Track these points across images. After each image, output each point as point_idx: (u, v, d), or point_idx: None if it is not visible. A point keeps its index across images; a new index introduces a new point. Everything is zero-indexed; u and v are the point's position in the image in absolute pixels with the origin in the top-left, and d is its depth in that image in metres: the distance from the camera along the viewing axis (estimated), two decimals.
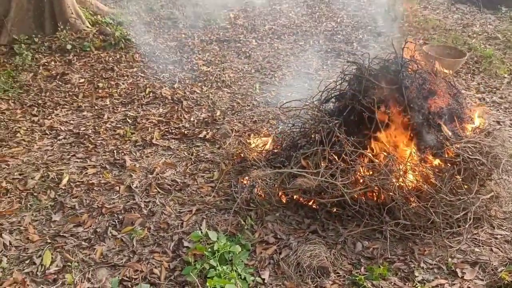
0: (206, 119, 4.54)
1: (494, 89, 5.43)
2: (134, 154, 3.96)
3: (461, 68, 5.89)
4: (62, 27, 6.26)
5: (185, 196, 3.44)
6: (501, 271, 2.74)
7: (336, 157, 3.11)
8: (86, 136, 4.19)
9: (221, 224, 3.13)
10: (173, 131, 4.33)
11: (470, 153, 2.98)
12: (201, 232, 2.93)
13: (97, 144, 4.08)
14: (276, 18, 8.00)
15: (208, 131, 4.31)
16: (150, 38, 6.72)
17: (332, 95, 3.51)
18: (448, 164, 3.06)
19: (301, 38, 7.00)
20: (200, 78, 5.52)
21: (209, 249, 2.74)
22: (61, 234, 3.01)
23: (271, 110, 4.72)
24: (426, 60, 5.35)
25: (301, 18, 8.00)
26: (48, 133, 4.23)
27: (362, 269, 2.79)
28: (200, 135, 4.24)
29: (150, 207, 3.31)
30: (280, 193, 3.30)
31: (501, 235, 3.09)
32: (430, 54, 5.60)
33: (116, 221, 3.17)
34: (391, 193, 2.93)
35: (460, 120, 3.21)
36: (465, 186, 3.00)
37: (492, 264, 2.81)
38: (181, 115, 4.62)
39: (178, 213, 3.26)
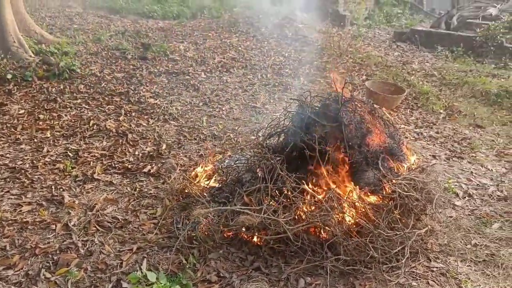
0: (151, 153, 4.47)
1: (431, 124, 5.72)
2: (74, 190, 3.81)
3: (401, 103, 6.18)
4: (2, 55, 6.06)
5: (126, 234, 3.33)
6: None
7: (278, 193, 3.14)
8: (23, 171, 4.00)
9: (163, 263, 3.05)
10: (116, 165, 4.23)
11: (405, 190, 3.10)
12: (140, 273, 2.84)
13: (34, 179, 3.90)
14: (226, 51, 8.12)
15: (153, 166, 4.24)
16: (96, 68, 6.61)
17: (275, 131, 3.57)
18: (386, 200, 3.16)
19: (250, 72, 7.12)
20: (147, 110, 5.47)
21: None
22: None
23: (218, 144, 4.73)
24: (368, 96, 5.58)
25: (250, 52, 8.17)
26: None
27: None
28: (145, 170, 4.16)
29: (88, 246, 3.18)
30: (224, 230, 3.27)
31: (437, 267, 3.19)
32: (372, 90, 5.86)
33: (51, 262, 3.01)
34: (331, 229, 2.97)
35: (397, 158, 3.35)
36: (402, 221, 3.10)
37: None
38: (125, 149, 4.53)
39: (118, 252, 3.14)
